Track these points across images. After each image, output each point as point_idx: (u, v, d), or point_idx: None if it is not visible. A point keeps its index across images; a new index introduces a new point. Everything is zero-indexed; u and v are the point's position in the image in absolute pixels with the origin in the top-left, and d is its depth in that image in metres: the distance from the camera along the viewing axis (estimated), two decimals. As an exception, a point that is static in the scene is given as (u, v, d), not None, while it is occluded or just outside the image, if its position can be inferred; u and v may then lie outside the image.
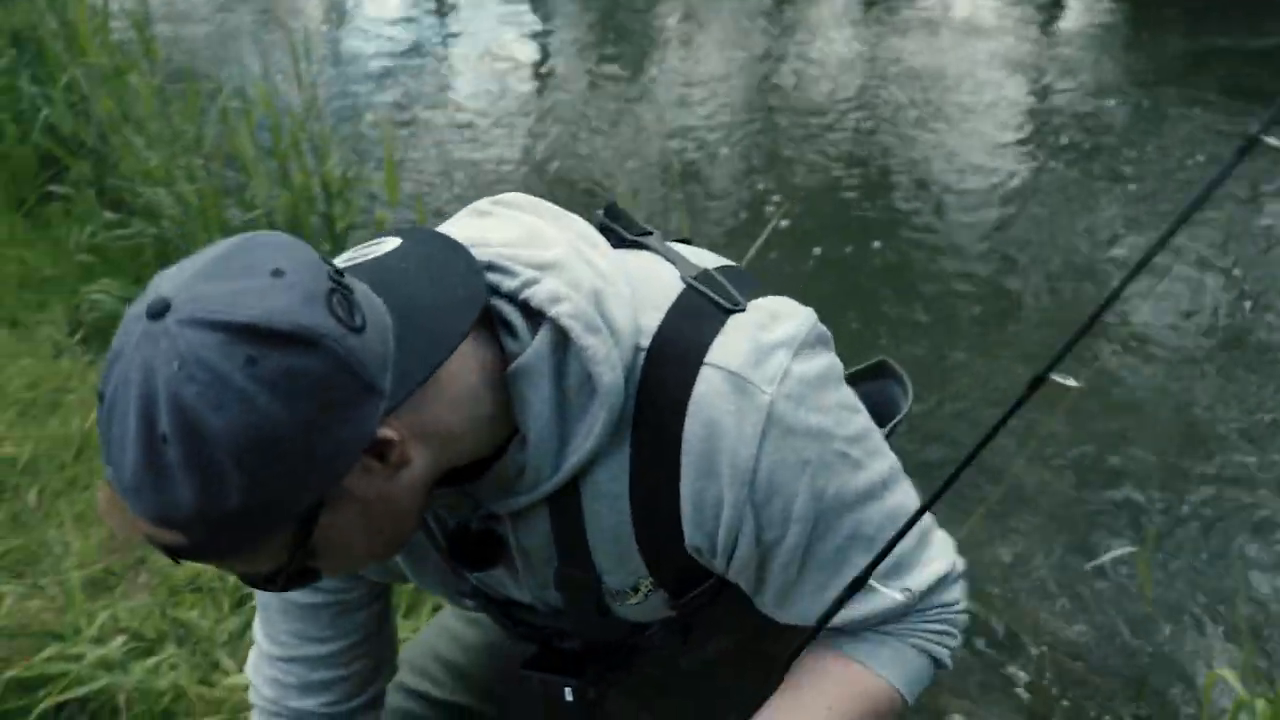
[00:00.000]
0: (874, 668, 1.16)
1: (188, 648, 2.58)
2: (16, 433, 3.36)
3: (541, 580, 1.17)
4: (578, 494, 1.08)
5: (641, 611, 1.19)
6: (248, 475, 0.85)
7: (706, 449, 1.03)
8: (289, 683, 1.31)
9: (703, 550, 1.09)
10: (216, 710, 2.43)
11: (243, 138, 4.23)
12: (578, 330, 1.01)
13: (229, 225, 4.28)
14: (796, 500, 1.05)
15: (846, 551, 1.10)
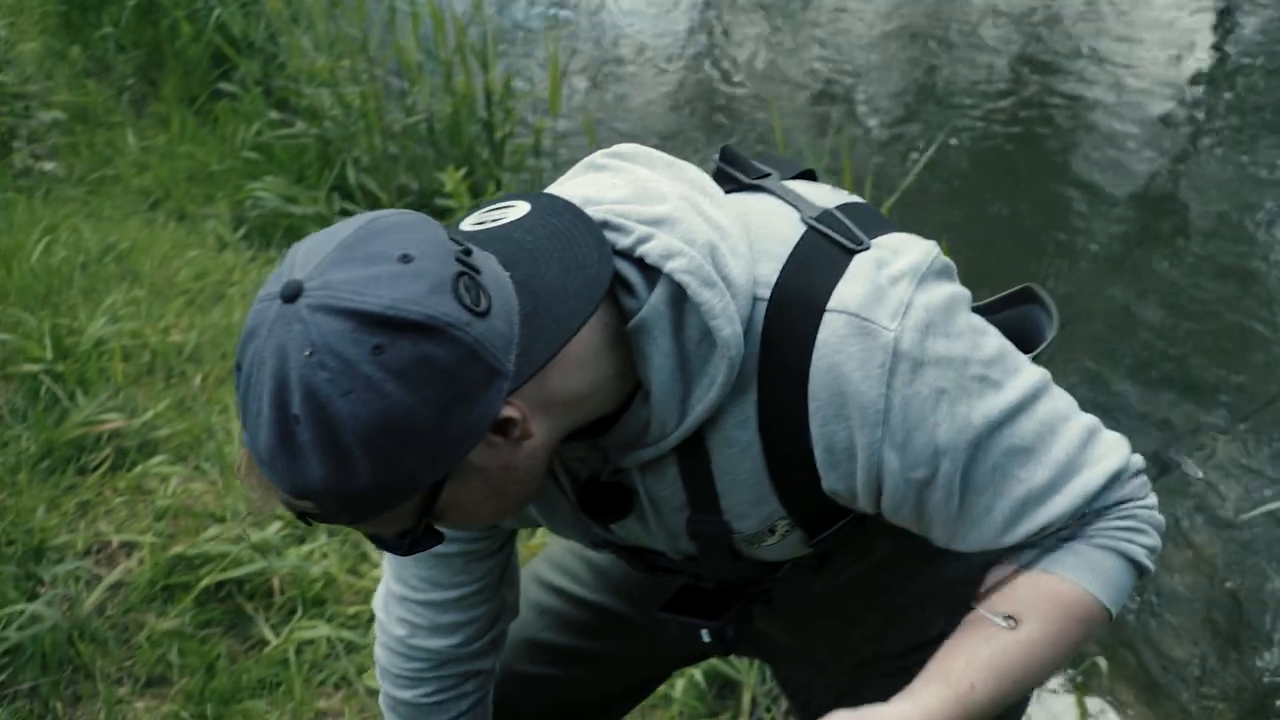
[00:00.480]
0: (1063, 573, 1.11)
1: (338, 538, 2.66)
2: (183, 321, 3.47)
3: (673, 529, 1.16)
4: (704, 444, 1.08)
5: (777, 552, 1.18)
6: (374, 458, 0.88)
7: (832, 395, 1.02)
8: (418, 624, 1.35)
9: (841, 494, 1.08)
10: (364, 600, 2.50)
11: (408, 42, 4.26)
12: (693, 285, 1.00)
13: (390, 129, 4.34)
14: (939, 432, 1.03)
15: (1006, 468, 1.06)
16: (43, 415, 2.88)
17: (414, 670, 1.37)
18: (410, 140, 4.37)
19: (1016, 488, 1.07)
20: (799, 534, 1.14)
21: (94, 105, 5.08)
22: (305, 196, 4.30)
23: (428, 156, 4.32)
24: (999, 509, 1.08)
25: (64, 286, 3.49)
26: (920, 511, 1.08)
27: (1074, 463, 1.09)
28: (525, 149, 4.24)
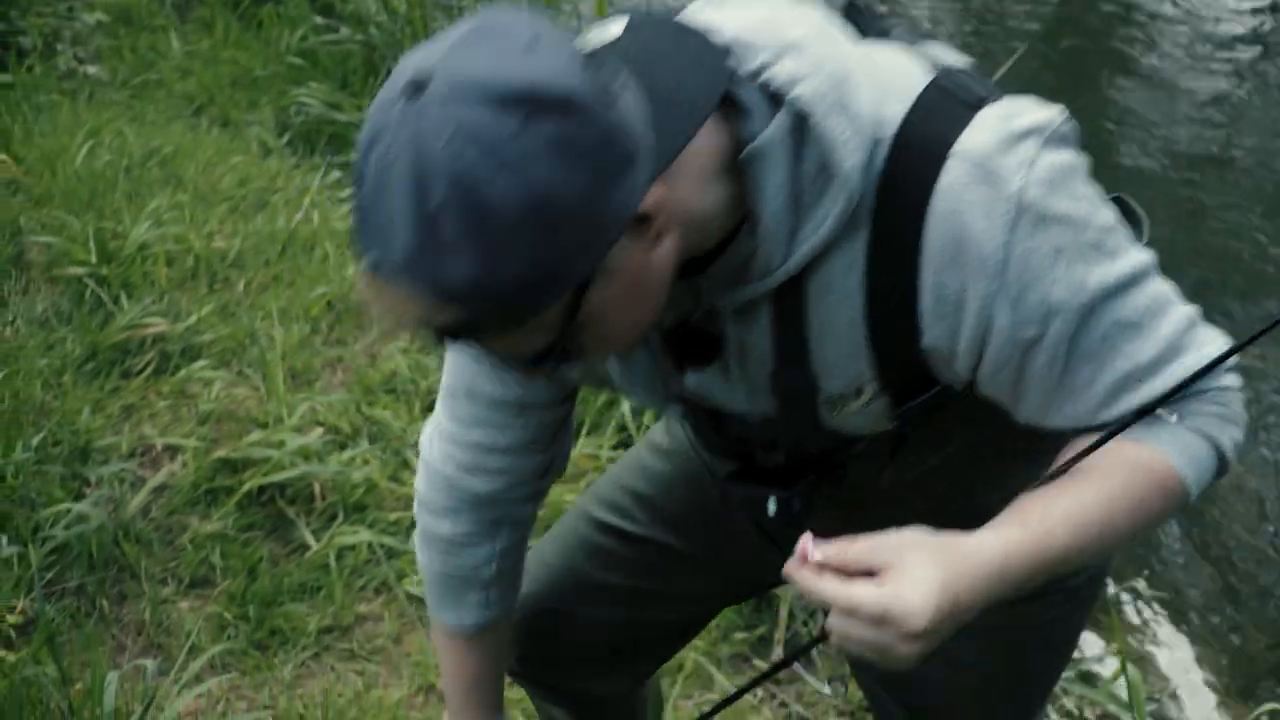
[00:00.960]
0: (1151, 444, 1.07)
1: (380, 445, 2.66)
2: (226, 228, 3.47)
3: (755, 385, 1.13)
4: (804, 290, 1.04)
5: (857, 421, 1.14)
6: (525, 243, 0.84)
7: (950, 242, 0.99)
8: (464, 461, 1.32)
9: (941, 349, 1.04)
10: (405, 507, 2.51)
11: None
12: (819, 112, 0.97)
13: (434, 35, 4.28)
14: (1054, 290, 1.00)
15: (1113, 339, 1.03)
16: (87, 318, 2.90)
17: (452, 505, 1.35)
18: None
19: (1121, 362, 1.04)
20: (884, 401, 1.11)
21: (137, 8, 5.05)
22: (349, 104, 4.26)
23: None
24: (1100, 382, 1.05)
25: (108, 190, 3.49)
26: (1019, 377, 1.05)
27: (1178, 344, 1.06)
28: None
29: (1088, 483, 1.06)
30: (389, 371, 2.91)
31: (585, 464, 2.71)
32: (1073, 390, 1.05)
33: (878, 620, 0.93)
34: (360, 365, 2.96)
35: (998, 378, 1.06)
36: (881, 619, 0.93)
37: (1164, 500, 1.09)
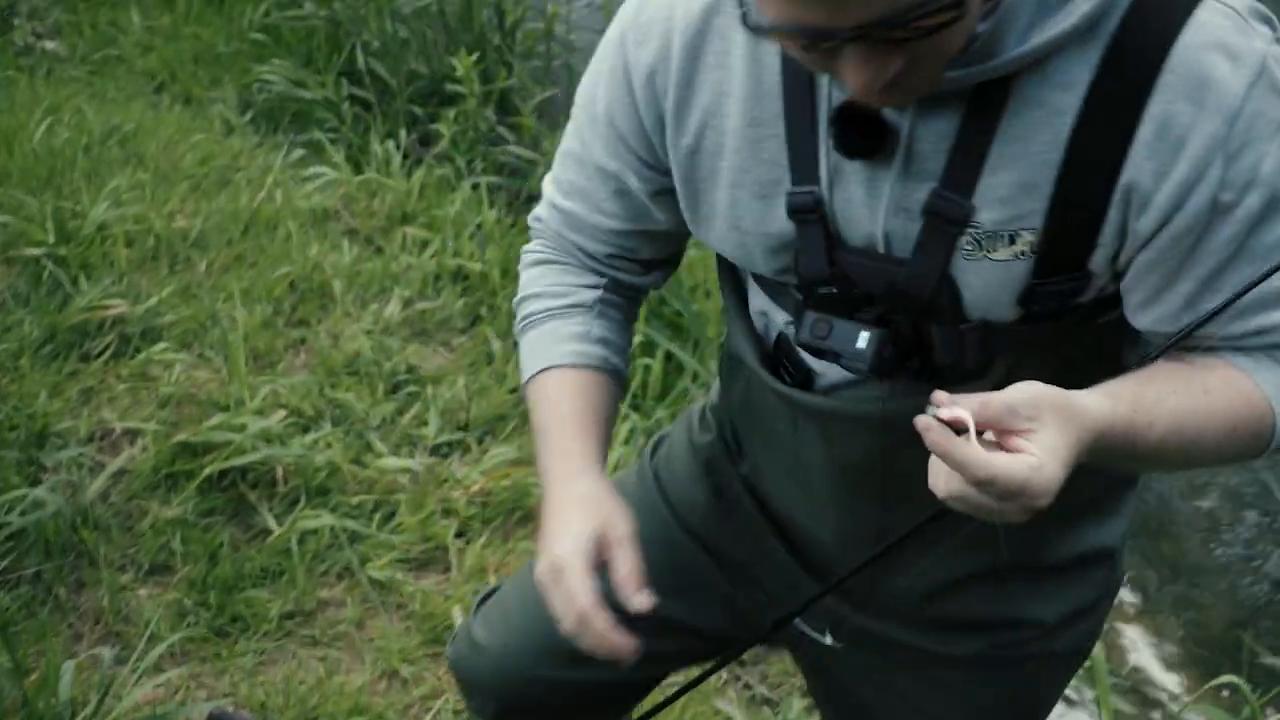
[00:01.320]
0: (1257, 380, 1.07)
1: (343, 428, 2.64)
2: (188, 207, 3.42)
3: (905, 200, 1.06)
4: (1009, 96, 1.01)
5: (985, 280, 1.07)
6: None
7: (1192, 74, 0.97)
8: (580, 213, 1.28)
9: (1139, 190, 1.01)
10: (368, 490, 2.49)
11: (417, -80, 4.14)
12: None
13: (400, 12, 4.23)
14: (1264, 163, 0.99)
15: (1276, 252, 1.02)
16: (45, 300, 2.86)
17: (557, 253, 1.32)
18: (421, 24, 4.26)
19: (1276, 280, 1.02)
20: (1027, 266, 1.05)
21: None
22: (313, 81, 4.21)
23: (438, 41, 4.21)
24: (1253, 295, 1.03)
25: (66, 169, 3.44)
26: (1189, 255, 1.02)
27: None
28: (537, 34, 4.13)
29: (1197, 390, 1.05)
30: (352, 353, 2.88)
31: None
32: (1223, 288, 1.03)
33: (1013, 494, 0.91)
34: (323, 347, 2.93)
35: (1165, 254, 1.03)
36: (1018, 492, 0.91)
37: (1252, 440, 1.08)
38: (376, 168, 3.79)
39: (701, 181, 1.16)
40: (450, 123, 3.81)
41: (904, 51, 0.92)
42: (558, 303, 1.30)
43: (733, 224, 1.15)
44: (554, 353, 1.28)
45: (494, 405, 2.84)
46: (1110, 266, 1.06)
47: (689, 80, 1.13)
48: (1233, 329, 1.06)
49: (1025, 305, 1.08)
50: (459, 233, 3.43)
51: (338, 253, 3.35)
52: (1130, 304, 1.09)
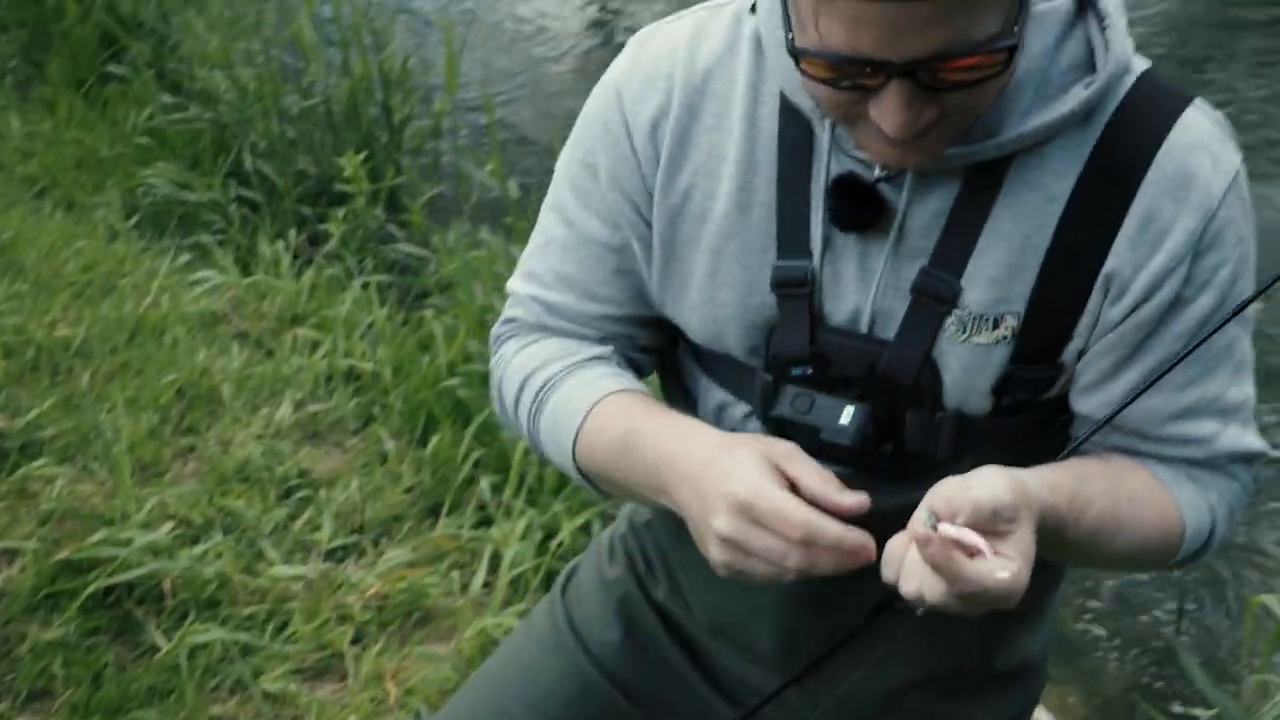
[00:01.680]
0: (1175, 496, 1.10)
1: (233, 536, 2.59)
2: (70, 315, 3.36)
3: (893, 278, 1.06)
4: (1003, 179, 1.03)
5: (967, 369, 1.06)
6: None
7: (1178, 171, 1.01)
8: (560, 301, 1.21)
9: (1116, 280, 1.03)
10: (260, 600, 2.44)
11: (302, 23, 4.16)
12: (1109, 4, 1.02)
13: (287, 112, 4.24)
14: (1224, 268, 1.03)
15: (1220, 359, 1.07)
16: (-82, 417, 2.78)
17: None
18: (308, 124, 4.27)
19: (1212, 385, 1.07)
20: (1007, 352, 1.06)
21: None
22: (200, 183, 4.18)
23: (326, 140, 4.22)
24: (1190, 394, 1.07)
25: (-60, 282, 3.36)
26: (1147, 341, 1.05)
27: (1250, 415, 1.11)
28: (425, 131, 4.16)
29: (1124, 495, 1.07)
30: (242, 459, 2.84)
31: (445, 543, 2.68)
32: (1164, 385, 1.05)
33: (996, 601, 0.92)
34: (212, 454, 2.88)
35: (1123, 340, 1.05)
36: (1002, 599, 0.92)
37: (1161, 550, 1.11)
38: (265, 269, 3.76)
39: (680, 245, 1.13)
40: (339, 222, 3.80)
41: (940, 100, 0.93)
42: (573, 359, 1.19)
43: (709, 295, 1.12)
44: (594, 391, 1.15)
45: (389, 506, 2.80)
46: (1077, 359, 1.08)
47: (685, 138, 1.11)
48: (1163, 431, 1.09)
49: (999, 395, 1.08)
50: (350, 332, 3.42)
51: (227, 357, 3.31)
52: (1075, 386, 1.10)
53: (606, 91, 1.15)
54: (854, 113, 0.96)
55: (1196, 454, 1.10)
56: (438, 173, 4.14)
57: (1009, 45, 0.90)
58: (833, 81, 0.93)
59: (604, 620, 1.38)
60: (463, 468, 2.87)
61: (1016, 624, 1.28)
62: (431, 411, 3.08)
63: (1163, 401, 1.07)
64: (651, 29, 1.16)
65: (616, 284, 1.18)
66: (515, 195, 3.31)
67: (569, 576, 1.46)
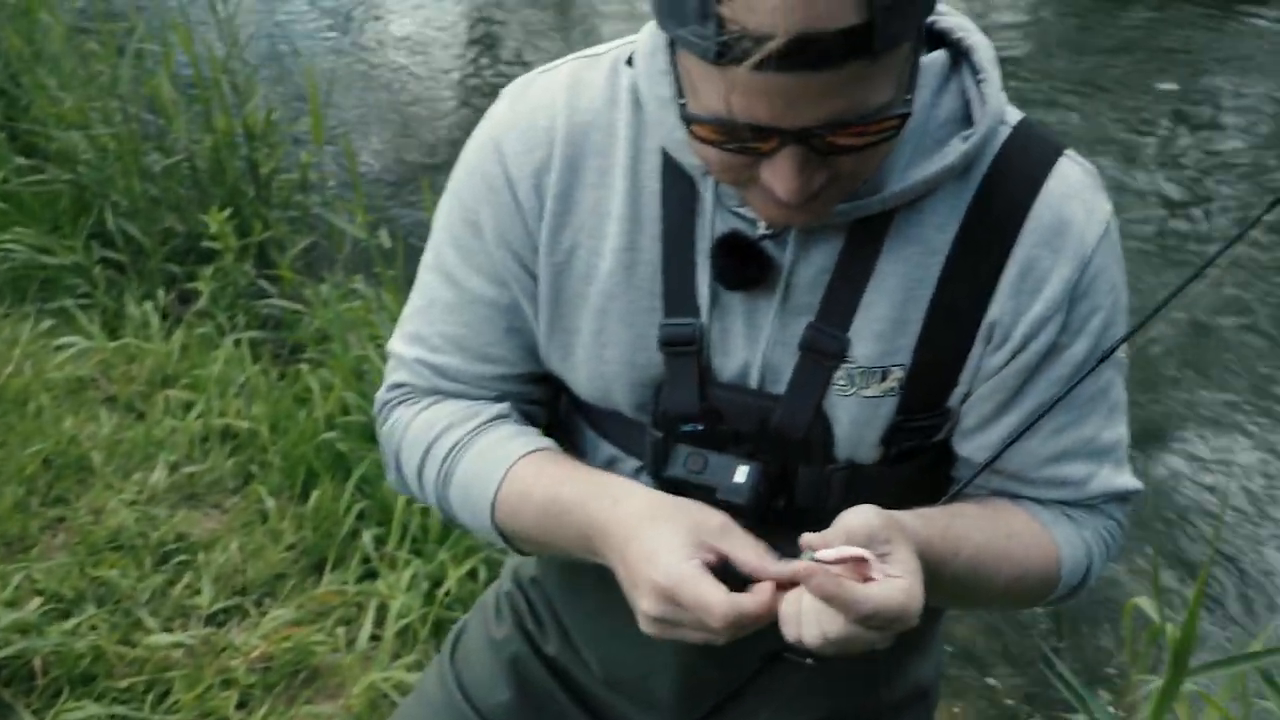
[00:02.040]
0: (1053, 534, 1.13)
1: (108, 608, 2.51)
2: (-73, 388, 3.24)
3: (783, 335, 1.06)
4: (886, 234, 1.04)
5: (856, 421, 1.07)
6: None
7: (1055, 221, 1.04)
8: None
9: (997, 328, 1.05)
10: (138, 671, 2.37)
11: (161, 80, 4.09)
12: (983, 58, 1.04)
13: (149, 170, 4.15)
14: (1098, 315, 1.06)
15: (1095, 403, 1.09)
16: None
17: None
18: (172, 181, 4.19)
19: (1086, 428, 1.10)
20: (895, 402, 1.07)
21: None
22: (61, 246, 4.07)
23: (191, 198, 4.15)
24: (1066, 438, 1.10)
25: None
26: (1025, 386, 1.07)
27: (1124, 455, 1.14)
28: (292, 184, 4.11)
29: (1001, 532, 1.09)
30: (115, 527, 2.76)
31: (331, 599, 2.64)
32: (1041, 428, 1.08)
33: (892, 620, 0.91)
34: (83, 523, 2.79)
35: (1003, 385, 1.07)
36: (898, 617, 0.91)
37: (1039, 588, 1.13)
38: (134, 331, 3.68)
39: (565, 304, 1.12)
40: (208, 279, 3.74)
41: (832, 164, 0.93)
42: (476, 421, 1.16)
43: (595, 353, 1.12)
44: (505, 455, 1.13)
45: (271, 565, 2.75)
46: (962, 404, 1.10)
47: (568, 194, 1.09)
48: (1039, 474, 1.11)
49: (888, 444, 1.10)
50: (224, 391, 3.35)
51: (96, 423, 3.22)
52: (958, 430, 1.12)
53: (484, 145, 1.12)
54: (744, 176, 0.96)
55: (1071, 496, 1.13)
56: (308, 225, 4.09)
57: (902, 113, 0.91)
58: (725, 146, 0.93)
59: (494, 681, 1.36)
60: (345, 521, 2.84)
61: (911, 652, 1.31)
62: (311, 466, 3.04)
63: (1039, 445, 1.10)
64: (527, 79, 1.14)
65: (508, 343, 1.16)
66: (386, 245, 3.29)
67: (456, 638, 1.44)
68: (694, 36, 0.85)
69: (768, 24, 0.81)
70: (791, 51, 0.82)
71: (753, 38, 0.82)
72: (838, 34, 0.82)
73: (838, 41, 0.82)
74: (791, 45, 0.82)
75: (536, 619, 1.36)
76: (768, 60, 0.82)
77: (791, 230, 1.04)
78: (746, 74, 0.85)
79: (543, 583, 1.35)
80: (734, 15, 0.82)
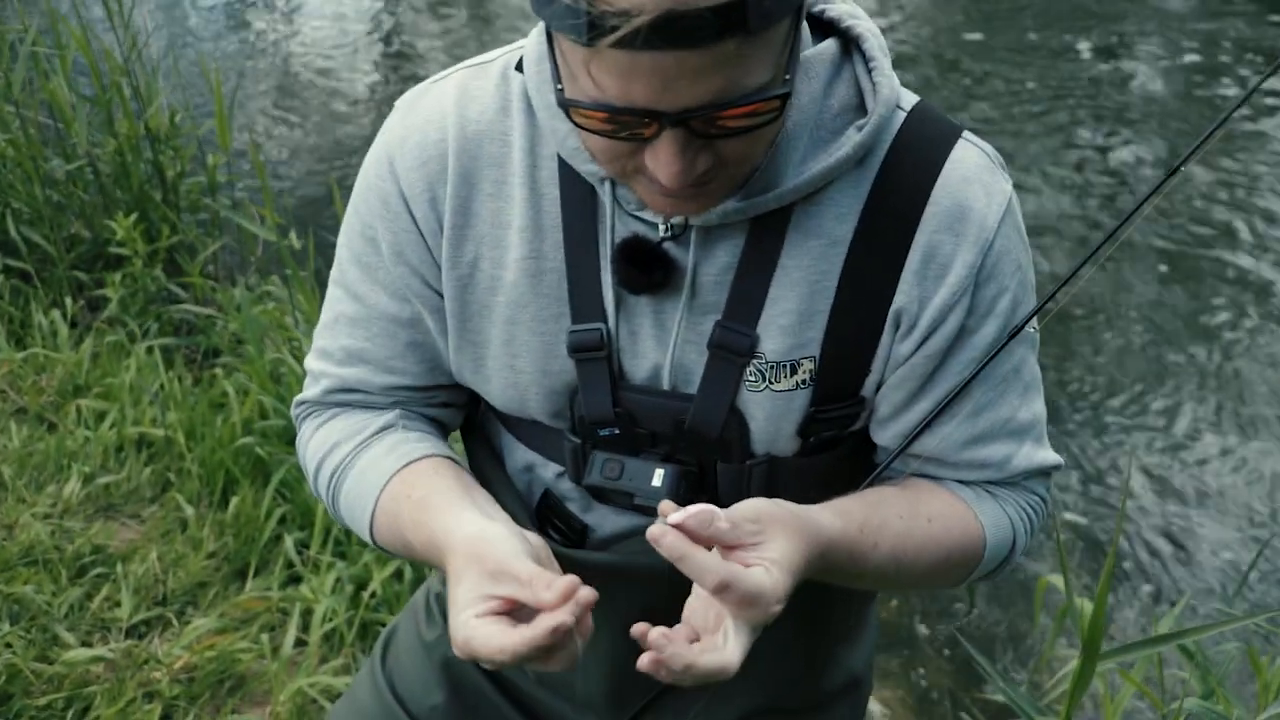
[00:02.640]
0: (976, 512, 1.14)
1: (23, 624, 2.47)
2: None
3: (691, 334, 1.07)
4: (786, 228, 1.04)
5: (770, 415, 1.08)
6: None
7: (954, 205, 1.04)
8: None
9: (904, 315, 1.05)
10: (57, 687, 2.33)
11: (58, 83, 3.99)
12: (873, 45, 1.04)
13: (50, 176, 4.06)
14: (1004, 296, 1.07)
15: (1009, 382, 1.10)
16: None
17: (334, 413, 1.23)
18: (76, 187, 4.10)
19: (1003, 409, 1.11)
20: (807, 395, 1.07)
21: None
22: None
23: (96, 203, 4.06)
24: (983, 420, 1.11)
25: None
26: (936, 373, 1.08)
27: (1042, 430, 1.15)
28: (201, 188, 4.05)
29: (921, 517, 1.10)
30: (28, 541, 2.71)
31: (254, 605, 2.61)
32: (957, 411, 1.10)
33: (750, 599, 0.91)
34: (-8, 541, 2.74)
35: (914, 372, 1.08)
36: (755, 598, 0.91)
37: (962, 566, 1.14)
38: (42, 341, 3.60)
39: (473, 317, 1.12)
40: (117, 286, 3.67)
41: (715, 149, 0.92)
42: (360, 437, 1.18)
43: (507, 363, 1.12)
44: (383, 468, 1.14)
45: (192, 574, 2.72)
46: (876, 392, 1.11)
47: (465, 207, 1.09)
48: (959, 457, 1.12)
49: (804, 435, 1.10)
50: (138, 399, 3.30)
51: (5, 436, 3.15)
52: (874, 419, 1.14)
53: (380, 161, 1.12)
54: (629, 165, 0.96)
55: (994, 476, 1.15)
56: (219, 228, 4.03)
57: (782, 94, 0.90)
58: (606, 133, 0.92)
59: (427, 684, 1.36)
60: (266, 526, 2.81)
61: (841, 643, 1.33)
62: (230, 472, 3.00)
63: (956, 429, 1.11)
64: (419, 90, 1.14)
65: (410, 356, 1.16)
66: (297, 246, 3.25)
67: (387, 641, 1.44)
68: (567, 17, 0.85)
69: (634, 1, 0.81)
70: (661, 27, 0.82)
71: (622, 14, 0.82)
72: (709, 10, 0.82)
73: (710, 18, 0.82)
74: (661, 20, 0.81)
75: None
76: (636, 36, 0.82)
77: (692, 230, 1.04)
78: (621, 54, 0.84)
79: None
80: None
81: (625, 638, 1.14)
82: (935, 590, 3.05)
